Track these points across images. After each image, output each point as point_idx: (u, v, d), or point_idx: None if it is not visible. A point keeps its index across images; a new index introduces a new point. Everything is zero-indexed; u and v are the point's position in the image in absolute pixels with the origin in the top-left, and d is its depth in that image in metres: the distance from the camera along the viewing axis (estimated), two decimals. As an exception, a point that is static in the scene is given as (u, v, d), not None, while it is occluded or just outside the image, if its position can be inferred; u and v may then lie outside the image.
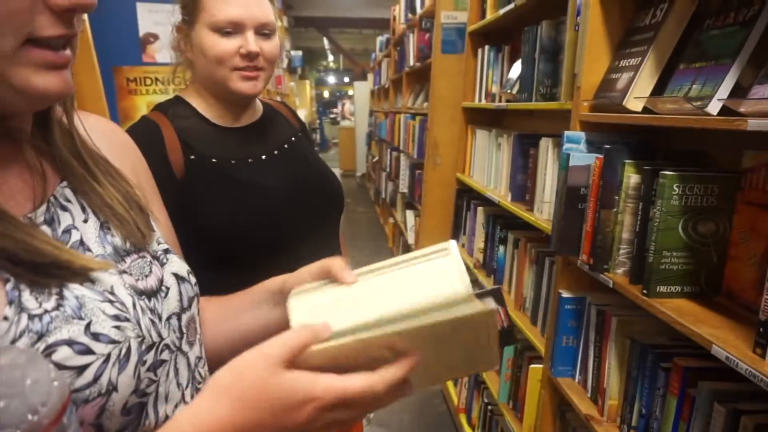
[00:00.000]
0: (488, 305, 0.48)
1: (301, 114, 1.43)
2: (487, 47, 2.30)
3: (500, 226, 2.04)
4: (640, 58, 1.16)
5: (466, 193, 2.51)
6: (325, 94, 22.19)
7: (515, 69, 1.97)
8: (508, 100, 1.99)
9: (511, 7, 1.91)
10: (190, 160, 1.05)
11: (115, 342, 0.47)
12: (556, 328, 1.42)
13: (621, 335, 1.22)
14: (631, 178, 1.12)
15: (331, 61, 19.69)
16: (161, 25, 2.16)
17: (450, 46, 3.02)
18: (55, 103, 0.53)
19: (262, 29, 1.06)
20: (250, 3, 1.04)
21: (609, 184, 1.16)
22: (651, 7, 1.19)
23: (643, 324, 1.19)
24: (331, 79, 22.56)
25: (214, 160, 1.07)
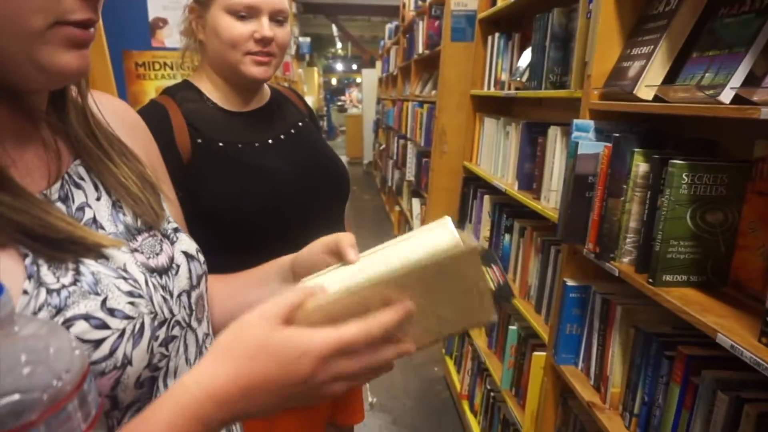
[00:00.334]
0: (468, 243, 0.49)
1: (309, 101, 1.43)
2: (497, 35, 2.28)
3: (506, 215, 2.04)
4: (652, 47, 1.15)
5: (472, 182, 2.51)
6: (333, 82, 22.10)
7: (525, 57, 1.95)
8: (517, 88, 1.98)
9: (522, -7, 1.89)
10: (197, 144, 1.05)
11: (129, 318, 0.48)
12: (561, 316, 1.42)
13: (625, 324, 1.22)
14: (640, 167, 1.12)
15: (340, 48, 19.58)
16: (170, 9, 2.15)
17: (459, 33, 3.00)
18: (74, 81, 0.54)
19: (277, 15, 1.07)
20: None
21: (617, 172, 1.16)
22: (665, -5, 1.18)
23: (648, 313, 1.19)
24: (339, 67, 22.45)
25: (221, 144, 1.07)
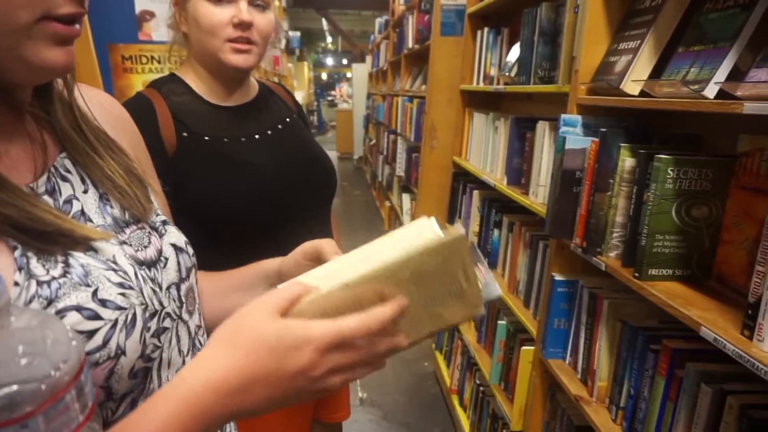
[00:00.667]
0: (454, 233, 0.50)
1: (299, 96, 1.42)
2: (486, 29, 2.28)
3: (495, 210, 2.05)
4: (639, 41, 1.16)
5: (462, 177, 2.51)
6: (324, 76, 22.01)
7: (514, 52, 1.95)
8: (506, 83, 1.98)
9: (511, -12, 1.89)
10: (183, 137, 1.04)
11: (121, 308, 0.48)
12: (549, 310, 1.43)
13: (612, 318, 1.23)
14: (626, 162, 1.12)
15: (330, 42, 19.51)
16: (158, 2, 2.13)
17: (449, 28, 3.00)
18: (59, 77, 0.53)
19: (256, 0, 1.06)
20: None
21: (604, 167, 1.16)
22: (651, -10, 1.18)
23: (635, 307, 1.20)
24: (330, 61, 22.37)
25: (206, 138, 1.06)
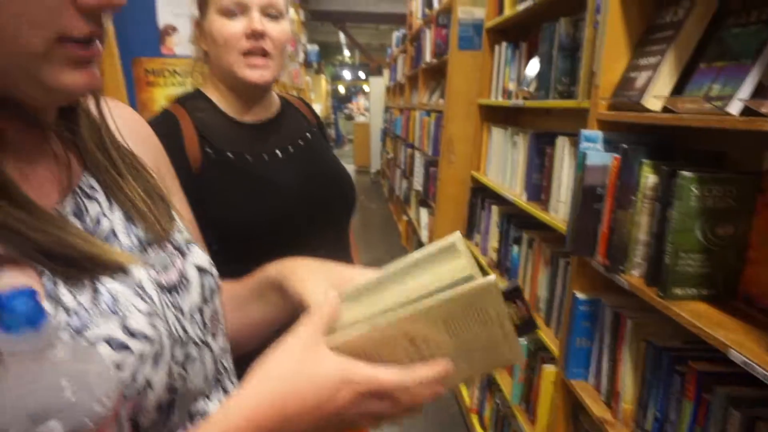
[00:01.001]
0: (487, 278, 0.49)
1: (317, 109, 1.43)
2: (505, 44, 2.28)
3: (515, 226, 2.03)
4: (659, 57, 1.14)
5: (480, 192, 2.49)
6: (341, 89, 22.20)
7: (532, 66, 1.95)
8: (524, 98, 1.97)
9: (529, 3, 1.89)
10: (207, 154, 1.06)
11: (149, 338, 0.47)
12: (570, 329, 1.40)
13: (636, 338, 1.20)
14: (649, 179, 1.10)
15: (347, 56, 19.68)
16: (181, 17, 2.17)
17: (467, 42, 3.00)
18: (81, 96, 0.52)
19: (268, 9, 1.06)
20: None
21: (626, 184, 1.14)
22: (672, 5, 1.17)
23: (659, 326, 1.17)
24: (347, 74, 22.55)
25: (230, 155, 1.07)
